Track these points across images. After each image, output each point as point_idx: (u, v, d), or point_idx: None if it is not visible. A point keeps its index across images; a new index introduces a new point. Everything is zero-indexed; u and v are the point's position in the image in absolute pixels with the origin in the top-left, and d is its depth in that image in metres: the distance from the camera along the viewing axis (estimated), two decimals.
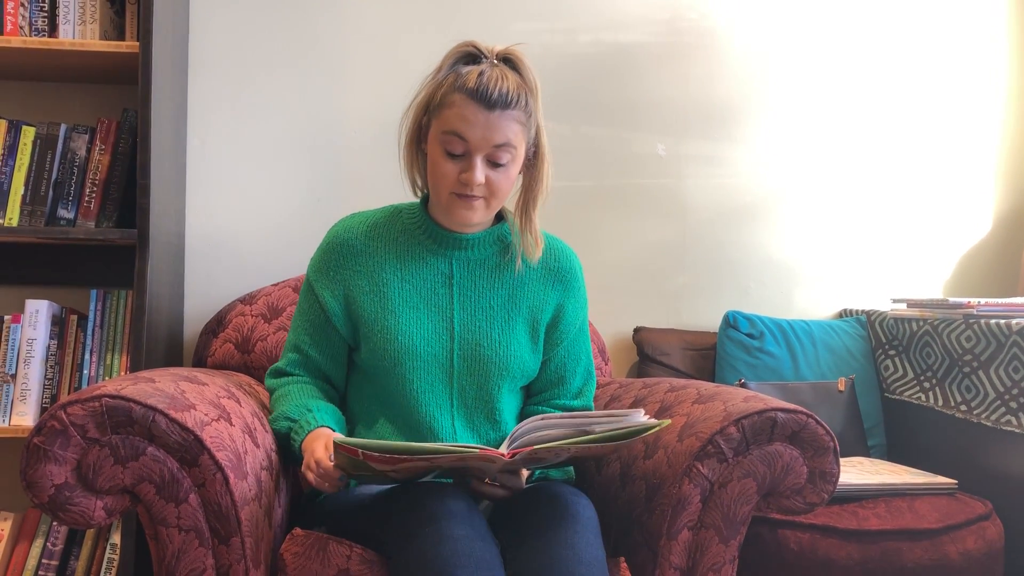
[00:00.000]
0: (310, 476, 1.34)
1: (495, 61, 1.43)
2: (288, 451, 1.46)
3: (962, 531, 1.78)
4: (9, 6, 1.83)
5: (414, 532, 1.23)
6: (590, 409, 1.60)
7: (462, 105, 1.39)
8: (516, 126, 1.41)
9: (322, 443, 1.34)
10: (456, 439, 1.47)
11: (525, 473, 1.41)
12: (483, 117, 1.39)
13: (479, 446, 1.21)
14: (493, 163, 1.42)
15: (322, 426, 1.40)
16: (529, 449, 1.23)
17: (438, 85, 1.43)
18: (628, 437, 1.26)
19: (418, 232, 1.52)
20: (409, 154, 1.50)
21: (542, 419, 1.30)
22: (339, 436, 1.16)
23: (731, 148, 2.33)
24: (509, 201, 1.51)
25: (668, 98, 2.30)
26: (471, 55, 1.44)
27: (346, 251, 1.52)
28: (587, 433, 1.26)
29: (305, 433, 1.39)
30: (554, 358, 1.57)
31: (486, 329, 1.50)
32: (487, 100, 1.38)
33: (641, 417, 1.30)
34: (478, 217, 1.47)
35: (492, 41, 1.46)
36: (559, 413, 1.33)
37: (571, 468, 1.58)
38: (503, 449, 1.26)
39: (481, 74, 1.39)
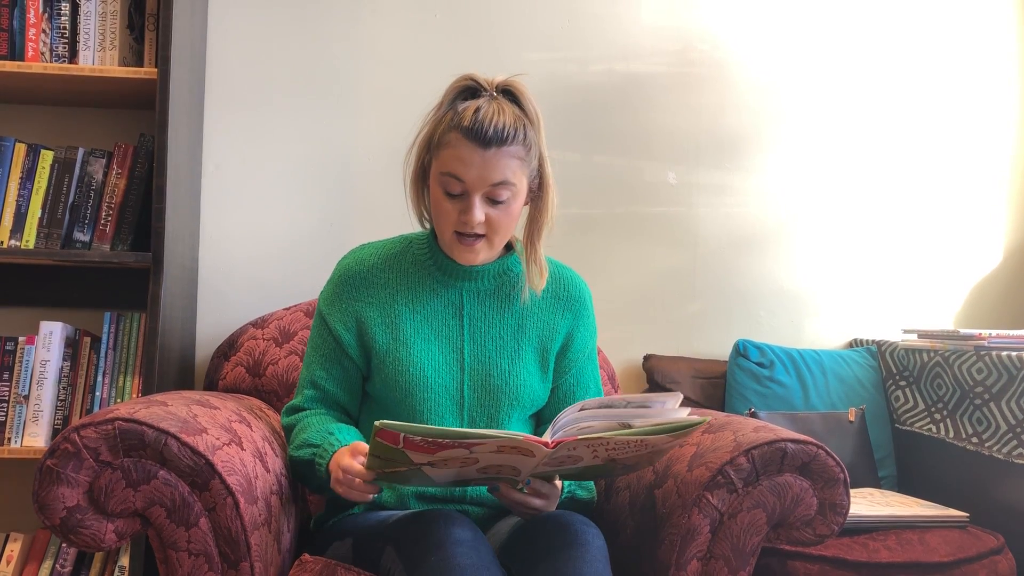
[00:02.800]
0: (340, 489, 1.33)
1: (494, 94, 1.42)
2: (309, 478, 1.45)
3: (974, 565, 1.76)
4: (31, 32, 1.86)
5: (421, 560, 1.22)
6: None
7: (457, 145, 1.39)
8: (514, 162, 1.40)
9: (347, 452, 1.34)
10: None
11: (559, 483, 1.39)
12: (479, 157, 1.38)
13: (522, 434, 1.18)
14: (493, 201, 1.41)
15: (345, 446, 1.39)
16: (574, 439, 1.20)
17: (438, 123, 1.43)
18: (668, 432, 1.24)
19: (428, 263, 1.53)
20: (415, 191, 1.51)
21: (580, 408, 1.29)
22: (382, 421, 1.14)
23: (742, 177, 2.34)
24: (516, 230, 1.51)
25: (679, 127, 2.32)
26: (471, 88, 1.43)
27: (358, 283, 1.52)
28: (627, 427, 1.24)
29: (330, 455, 1.38)
30: (563, 385, 1.57)
31: (496, 359, 1.51)
32: (482, 139, 1.37)
33: (677, 411, 1.28)
34: (480, 258, 1.47)
35: (505, 71, 1.46)
36: (595, 399, 1.31)
37: (594, 487, 1.57)
38: (546, 438, 1.22)
39: (477, 111, 1.38)
